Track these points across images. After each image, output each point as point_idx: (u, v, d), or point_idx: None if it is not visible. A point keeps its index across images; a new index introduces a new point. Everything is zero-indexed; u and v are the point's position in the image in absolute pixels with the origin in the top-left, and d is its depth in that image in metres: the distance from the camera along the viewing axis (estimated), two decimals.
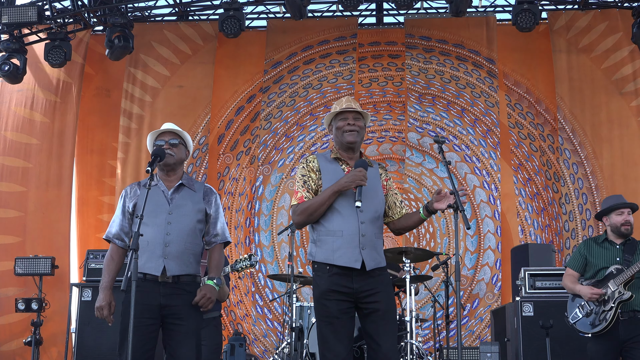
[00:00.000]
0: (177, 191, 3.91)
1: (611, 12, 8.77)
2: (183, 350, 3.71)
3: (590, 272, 4.86)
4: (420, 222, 3.81)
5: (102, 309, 3.72)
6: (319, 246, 3.69)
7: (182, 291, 3.77)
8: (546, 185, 8.66)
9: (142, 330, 3.64)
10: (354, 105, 3.80)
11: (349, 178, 3.60)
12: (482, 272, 8.41)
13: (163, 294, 3.74)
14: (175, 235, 3.78)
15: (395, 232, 3.91)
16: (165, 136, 3.96)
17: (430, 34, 9.07)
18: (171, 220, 3.80)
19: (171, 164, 3.91)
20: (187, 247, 3.81)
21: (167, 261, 3.75)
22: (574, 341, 5.70)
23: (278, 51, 9.22)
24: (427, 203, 3.73)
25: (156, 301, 3.72)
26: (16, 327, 8.18)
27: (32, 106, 9.05)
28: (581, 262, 4.90)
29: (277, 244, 8.75)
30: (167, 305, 3.73)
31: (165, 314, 3.74)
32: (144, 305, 3.64)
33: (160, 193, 3.87)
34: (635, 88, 8.61)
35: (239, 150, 9.12)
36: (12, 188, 8.83)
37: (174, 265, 3.76)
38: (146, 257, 3.74)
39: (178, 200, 3.87)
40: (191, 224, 3.84)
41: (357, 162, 3.70)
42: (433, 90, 8.94)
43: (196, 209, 3.89)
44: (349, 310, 3.64)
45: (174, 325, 3.74)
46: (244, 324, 8.55)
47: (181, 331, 3.73)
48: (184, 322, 3.74)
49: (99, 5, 8.33)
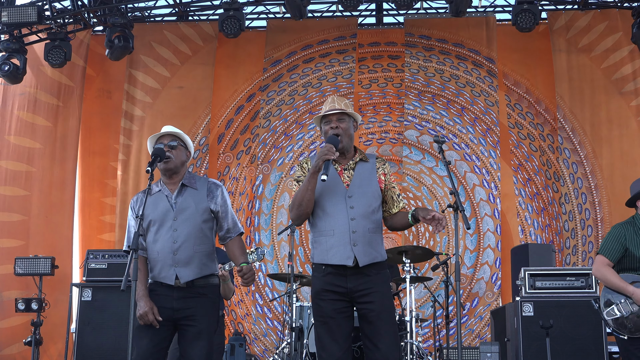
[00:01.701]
0: (180, 193, 3.89)
1: (611, 12, 8.77)
2: (194, 351, 3.73)
3: (630, 262, 4.46)
4: (408, 226, 3.77)
5: (147, 314, 3.69)
6: (315, 247, 3.73)
7: (196, 294, 3.79)
8: (546, 185, 8.67)
9: (152, 331, 3.68)
10: (336, 106, 3.79)
11: (317, 155, 3.60)
12: (482, 271, 8.42)
13: (176, 297, 3.76)
14: (183, 241, 3.78)
15: (388, 228, 3.89)
16: (164, 139, 3.95)
17: (430, 33, 9.07)
18: (177, 226, 3.80)
19: (172, 168, 3.90)
20: (196, 250, 3.81)
21: (179, 269, 3.76)
22: (574, 341, 5.72)
23: (278, 49, 9.22)
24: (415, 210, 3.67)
25: (169, 304, 3.74)
26: (19, 330, 8.18)
27: (34, 110, 9.06)
28: (620, 252, 4.47)
29: (277, 242, 8.76)
30: (180, 308, 3.76)
31: (178, 317, 3.76)
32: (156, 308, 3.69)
33: (164, 199, 3.87)
34: (635, 88, 8.62)
35: (239, 150, 9.13)
36: (16, 192, 8.86)
37: (186, 271, 3.77)
38: (159, 267, 3.79)
39: (182, 204, 3.86)
40: (197, 227, 3.83)
41: (328, 138, 3.71)
42: (432, 89, 8.95)
43: (200, 209, 3.86)
44: (345, 309, 3.64)
45: (187, 326, 3.76)
46: (245, 323, 8.56)
47: (192, 332, 3.75)
48: (196, 323, 3.75)
49: (99, 5, 8.31)
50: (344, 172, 3.76)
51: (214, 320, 3.85)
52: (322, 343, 3.64)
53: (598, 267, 4.52)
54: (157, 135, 4.00)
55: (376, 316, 3.58)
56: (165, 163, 3.87)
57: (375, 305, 3.58)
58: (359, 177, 3.73)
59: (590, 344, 5.76)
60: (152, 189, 3.92)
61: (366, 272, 3.62)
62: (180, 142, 3.97)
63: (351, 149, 3.83)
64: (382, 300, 3.62)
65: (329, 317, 3.62)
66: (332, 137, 3.70)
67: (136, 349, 3.69)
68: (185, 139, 4.02)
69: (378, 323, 3.58)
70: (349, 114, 3.80)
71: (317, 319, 3.68)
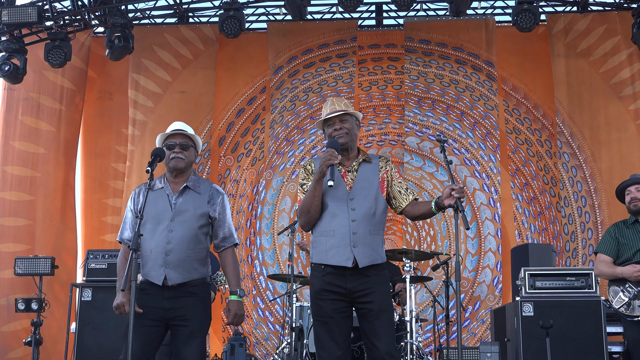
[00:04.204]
0: (181, 195, 3.87)
1: (610, 14, 8.82)
2: (187, 351, 3.71)
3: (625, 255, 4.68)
4: (431, 213, 3.73)
5: (123, 305, 3.67)
6: (314, 247, 3.73)
7: (187, 293, 3.77)
8: (543, 189, 8.70)
9: (144, 332, 3.65)
10: (337, 107, 3.79)
11: (321, 161, 3.60)
12: (483, 275, 8.43)
13: (167, 297, 3.74)
14: (176, 243, 3.76)
15: (410, 218, 3.87)
16: (176, 138, 3.92)
17: (430, 37, 9.10)
18: (173, 227, 3.77)
19: (181, 168, 3.87)
20: (189, 255, 3.78)
21: (168, 270, 3.73)
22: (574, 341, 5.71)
23: (279, 56, 9.25)
24: (438, 198, 3.68)
25: (160, 304, 3.72)
26: (23, 334, 8.15)
27: (38, 115, 9.11)
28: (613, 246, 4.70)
29: (278, 246, 8.77)
30: (172, 308, 3.73)
31: (169, 317, 3.74)
32: (147, 308, 3.65)
33: (164, 197, 3.84)
34: (634, 92, 8.66)
35: (239, 152, 9.16)
36: (21, 197, 8.91)
37: (175, 274, 3.74)
38: (150, 266, 3.76)
39: (181, 206, 3.83)
40: (193, 231, 3.81)
41: (329, 143, 3.71)
42: (432, 95, 8.98)
43: (198, 214, 3.84)
44: (345, 309, 3.65)
45: (179, 326, 3.74)
46: (245, 326, 8.55)
47: (185, 332, 3.73)
48: (188, 322, 3.73)
49: (99, 6, 8.34)
50: (347, 174, 3.76)
51: (206, 320, 3.85)
52: (321, 343, 3.65)
53: (595, 265, 4.77)
54: (168, 133, 3.95)
55: (375, 315, 3.59)
56: (176, 161, 3.83)
57: (374, 305, 3.59)
58: (361, 178, 3.74)
59: (590, 344, 5.73)
60: (155, 184, 3.89)
61: (365, 273, 3.62)
62: (191, 142, 3.94)
63: (355, 149, 3.84)
64: (381, 300, 3.63)
65: (328, 317, 3.62)
66: (333, 142, 3.71)
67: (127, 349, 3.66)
68: (196, 140, 3.99)
69: (377, 322, 3.59)
70: (350, 113, 3.81)
71: (316, 319, 3.68)
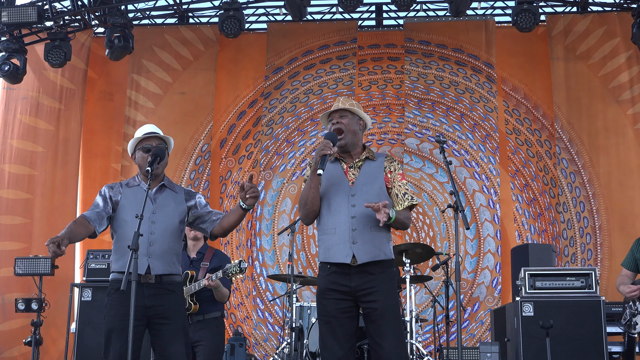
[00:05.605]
0: (159, 191, 3.92)
1: (609, 15, 8.82)
2: (173, 349, 3.73)
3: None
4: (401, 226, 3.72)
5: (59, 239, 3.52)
6: (319, 246, 3.75)
7: (165, 291, 3.79)
8: (543, 190, 8.73)
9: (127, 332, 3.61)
10: (340, 105, 3.84)
11: (316, 152, 3.64)
12: (483, 276, 8.44)
13: (147, 295, 3.74)
14: (159, 234, 3.80)
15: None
16: (152, 141, 3.93)
17: (430, 38, 9.11)
18: (155, 219, 3.81)
19: (159, 174, 3.91)
20: (170, 247, 3.83)
21: (152, 260, 3.76)
22: (574, 341, 5.71)
23: (279, 56, 9.26)
24: None
25: (140, 302, 3.70)
26: (21, 332, 8.15)
27: (37, 114, 9.11)
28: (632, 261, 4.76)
29: (279, 247, 8.77)
30: (152, 305, 3.75)
31: (150, 315, 3.75)
32: (127, 308, 3.61)
33: (143, 193, 3.84)
34: (632, 96, 8.66)
35: (240, 155, 9.17)
36: (19, 195, 8.90)
37: (158, 264, 3.78)
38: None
39: (161, 200, 3.89)
40: (174, 224, 3.87)
41: (326, 135, 3.75)
42: (432, 96, 9.01)
43: (179, 209, 3.90)
44: (350, 309, 3.64)
45: (160, 325, 3.76)
46: (245, 327, 8.55)
47: (169, 330, 3.75)
48: (170, 321, 3.75)
49: (98, 6, 8.36)
50: (349, 170, 3.78)
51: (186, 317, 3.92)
52: (324, 342, 3.65)
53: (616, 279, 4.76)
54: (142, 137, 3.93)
55: (380, 315, 3.58)
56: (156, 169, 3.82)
57: (378, 304, 3.58)
58: (364, 175, 3.74)
59: (590, 344, 5.73)
60: (129, 182, 3.95)
61: (370, 271, 3.61)
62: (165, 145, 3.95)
63: (357, 146, 3.84)
64: (386, 298, 3.61)
65: (332, 316, 3.62)
66: (330, 134, 3.75)
67: (112, 352, 3.67)
68: (169, 142, 4.01)
69: (381, 322, 3.58)
70: (351, 111, 3.83)
71: (320, 318, 3.69)
